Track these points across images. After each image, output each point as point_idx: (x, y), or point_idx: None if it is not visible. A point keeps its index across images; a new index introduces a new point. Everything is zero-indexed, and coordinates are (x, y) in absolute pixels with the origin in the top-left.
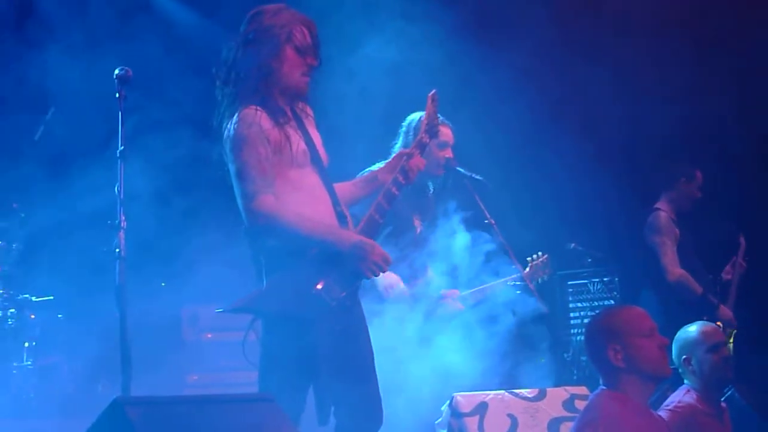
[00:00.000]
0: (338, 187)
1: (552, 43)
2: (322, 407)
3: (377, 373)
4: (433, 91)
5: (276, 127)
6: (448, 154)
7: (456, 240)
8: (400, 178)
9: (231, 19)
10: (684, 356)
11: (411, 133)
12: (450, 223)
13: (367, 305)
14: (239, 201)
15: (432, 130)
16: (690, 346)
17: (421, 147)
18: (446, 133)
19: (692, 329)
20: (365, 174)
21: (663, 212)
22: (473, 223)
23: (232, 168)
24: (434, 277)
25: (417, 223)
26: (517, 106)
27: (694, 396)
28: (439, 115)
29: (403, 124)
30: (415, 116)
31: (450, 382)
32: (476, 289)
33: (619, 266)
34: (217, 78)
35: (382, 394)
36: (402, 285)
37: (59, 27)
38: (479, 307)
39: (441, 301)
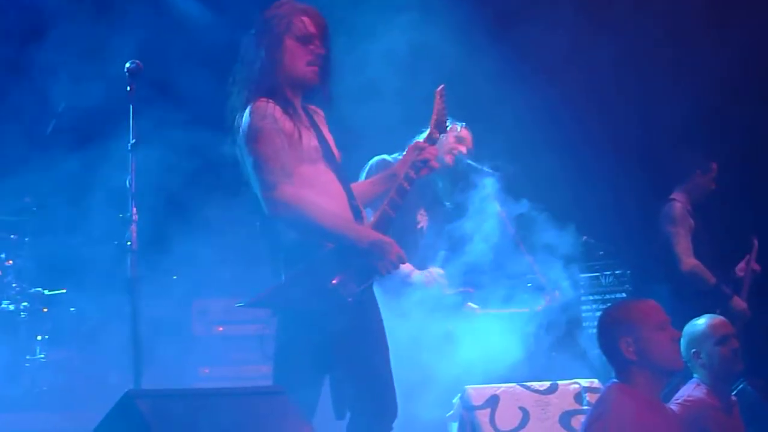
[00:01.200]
0: (356, 186)
1: (566, 32)
2: (338, 401)
3: (394, 367)
4: (441, 86)
5: (288, 119)
6: (462, 149)
7: (465, 234)
8: (412, 173)
9: (246, 15)
10: (693, 350)
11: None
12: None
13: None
14: (258, 192)
15: (441, 125)
16: (698, 339)
17: (432, 142)
18: (466, 134)
19: (700, 322)
20: (385, 172)
21: (678, 203)
22: (484, 216)
23: (248, 160)
24: (438, 272)
25: (420, 217)
26: (529, 97)
27: (704, 390)
28: (462, 123)
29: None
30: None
31: (464, 375)
32: (495, 311)
33: (631, 259)
34: (231, 74)
35: (400, 389)
36: (417, 272)
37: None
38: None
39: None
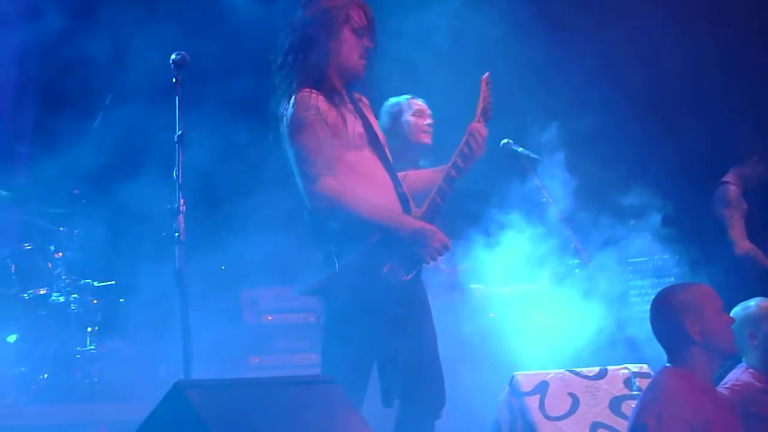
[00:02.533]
0: (418, 173)
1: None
2: (386, 389)
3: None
4: (487, 74)
5: (332, 108)
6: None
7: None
8: (459, 161)
9: (286, 7)
10: (749, 331)
11: (386, 117)
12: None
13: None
14: (300, 184)
15: (487, 113)
16: (756, 320)
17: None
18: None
19: (753, 304)
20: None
21: (732, 185)
22: (530, 202)
23: (291, 151)
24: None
25: None
26: (572, 73)
27: (752, 373)
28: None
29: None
30: (394, 100)
31: (514, 363)
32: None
33: (682, 242)
34: (273, 63)
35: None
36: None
37: (116, 12)
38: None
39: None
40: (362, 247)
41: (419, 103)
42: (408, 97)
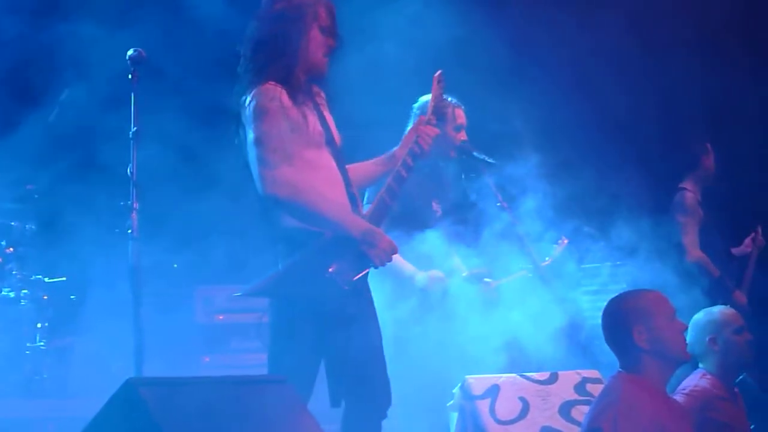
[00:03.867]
0: (357, 167)
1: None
2: (334, 390)
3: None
4: (439, 72)
5: (295, 106)
6: (463, 136)
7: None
8: (409, 160)
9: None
10: (709, 336)
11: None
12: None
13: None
14: (256, 170)
15: (439, 111)
16: (716, 326)
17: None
18: (460, 115)
19: (716, 311)
20: (386, 153)
21: (689, 192)
22: (486, 208)
23: (251, 136)
24: (439, 275)
25: (436, 207)
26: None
27: (710, 379)
28: (451, 97)
29: (414, 105)
30: (427, 97)
31: (464, 366)
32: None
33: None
34: (242, 54)
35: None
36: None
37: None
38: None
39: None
40: (308, 248)
41: (461, 114)
42: (455, 103)
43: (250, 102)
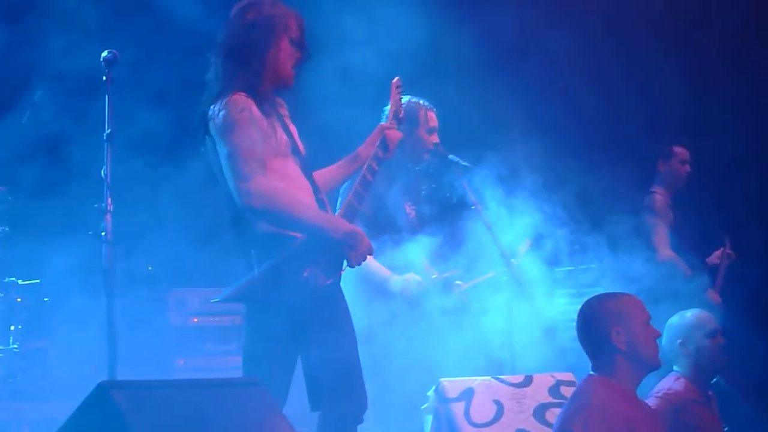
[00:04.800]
0: (323, 172)
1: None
2: (313, 393)
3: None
4: (396, 78)
5: (263, 116)
6: (435, 139)
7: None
8: (374, 165)
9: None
10: (680, 340)
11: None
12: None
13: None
14: (232, 183)
15: (398, 117)
16: (687, 330)
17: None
18: (432, 117)
19: (689, 314)
20: (349, 155)
21: (659, 195)
22: (460, 209)
23: (222, 151)
24: (416, 278)
25: (409, 210)
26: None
27: (684, 383)
28: (424, 100)
29: (385, 108)
30: (414, 100)
31: (438, 368)
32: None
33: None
34: (213, 63)
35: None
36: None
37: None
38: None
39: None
40: (282, 252)
41: (433, 117)
42: (427, 106)
43: (219, 112)
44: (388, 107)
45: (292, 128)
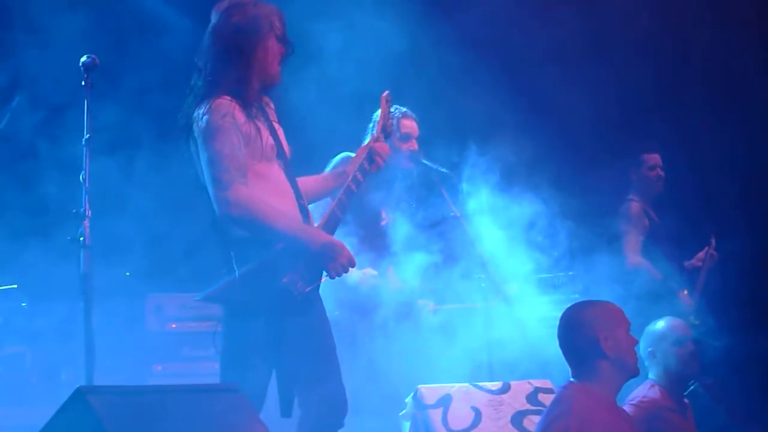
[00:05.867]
0: (308, 180)
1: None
2: (285, 399)
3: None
4: (386, 92)
5: (247, 119)
6: (413, 146)
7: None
8: (359, 176)
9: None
10: (649, 349)
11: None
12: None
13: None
14: (211, 189)
15: (386, 130)
16: (656, 339)
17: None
18: (409, 125)
19: (660, 323)
20: (336, 169)
21: (634, 202)
22: (439, 216)
23: (203, 156)
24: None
25: (384, 216)
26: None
27: (659, 390)
28: (404, 107)
29: (374, 117)
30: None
31: (418, 374)
32: (449, 306)
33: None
34: (200, 68)
35: (354, 387)
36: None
37: (24, 14)
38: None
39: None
40: (263, 256)
41: (408, 124)
42: (402, 111)
43: (202, 117)
44: (376, 120)
45: (279, 130)
